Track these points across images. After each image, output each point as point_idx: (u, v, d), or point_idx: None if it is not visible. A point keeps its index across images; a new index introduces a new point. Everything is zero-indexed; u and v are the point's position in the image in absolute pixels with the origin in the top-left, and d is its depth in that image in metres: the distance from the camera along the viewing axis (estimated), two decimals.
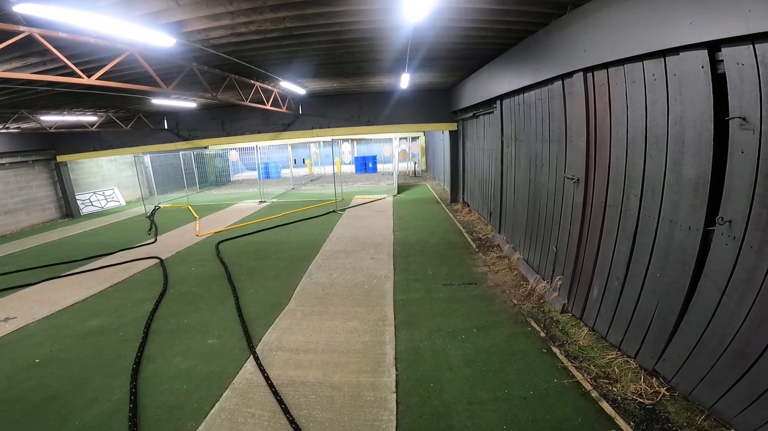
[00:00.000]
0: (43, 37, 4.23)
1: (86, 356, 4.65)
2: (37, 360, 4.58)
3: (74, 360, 4.57)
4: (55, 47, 4.47)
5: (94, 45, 4.77)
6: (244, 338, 4.88)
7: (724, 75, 2.52)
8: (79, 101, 10.18)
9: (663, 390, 3.29)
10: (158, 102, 10.70)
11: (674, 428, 2.95)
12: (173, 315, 5.78)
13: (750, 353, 2.51)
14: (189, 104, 11.87)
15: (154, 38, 4.57)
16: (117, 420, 3.46)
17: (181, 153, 18.05)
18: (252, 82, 9.22)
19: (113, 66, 5.38)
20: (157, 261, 8.58)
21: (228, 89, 9.05)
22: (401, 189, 18.03)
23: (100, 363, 4.47)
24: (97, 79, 5.33)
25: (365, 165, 26.67)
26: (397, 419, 3.32)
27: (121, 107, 12.28)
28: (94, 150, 15.32)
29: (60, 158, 15.29)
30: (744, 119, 2.37)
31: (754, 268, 2.42)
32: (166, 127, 14.97)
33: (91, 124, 13.40)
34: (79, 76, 5.16)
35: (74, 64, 5.01)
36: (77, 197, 16.27)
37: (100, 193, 17.80)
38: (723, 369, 2.74)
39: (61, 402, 3.77)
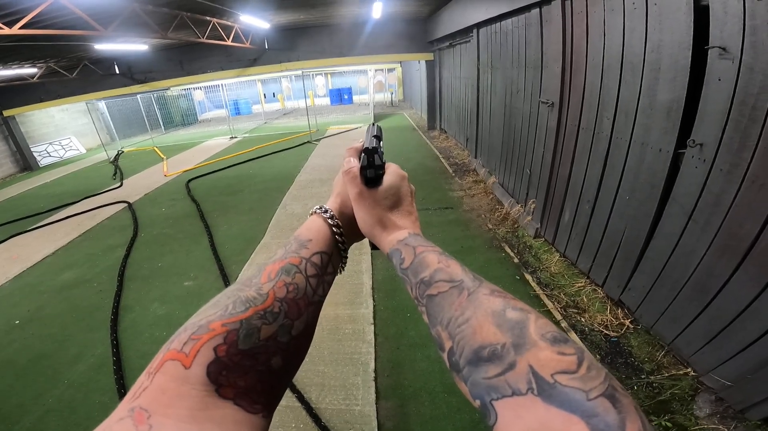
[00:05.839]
0: None
1: (64, 312, 4.59)
2: (17, 322, 4.49)
3: (53, 317, 4.51)
4: None
5: None
6: (221, 277, 4.85)
7: (706, 6, 2.38)
8: (13, 54, 9.21)
9: (627, 322, 3.40)
10: (103, 47, 9.73)
11: (636, 363, 3.05)
12: (147, 259, 5.67)
13: (711, 286, 2.57)
14: (139, 47, 10.79)
15: None
16: (103, 374, 3.49)
17: (138, 96, 16.97)
18: (208, 18, 8.29)
19: (43, 15, 4.85)
20: (125, 205, 8.30)
21: (181, 28, 8.18)
22: (378, 118, 17.48)
23: (78, 318, 4.43)
24: (20, 28, 4.78)
25: (340, 97, 25.64)
26: (376, 351, 3.42)
27: (61, 56, 11.25)
28: (41, 101, 14.40)
29: (6, 113, 14.35)
30: (724, 49, 2.27)
31: (722, 192, 2.41)
32: (117, 71, 13.93)
33: (32, 76, 12.58)
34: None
35: None
36: (33, 149, 15.55)
37: (57, 143, 16.91)
38: (684, 302, 2.83)
39: (48, 362, 3.76)
